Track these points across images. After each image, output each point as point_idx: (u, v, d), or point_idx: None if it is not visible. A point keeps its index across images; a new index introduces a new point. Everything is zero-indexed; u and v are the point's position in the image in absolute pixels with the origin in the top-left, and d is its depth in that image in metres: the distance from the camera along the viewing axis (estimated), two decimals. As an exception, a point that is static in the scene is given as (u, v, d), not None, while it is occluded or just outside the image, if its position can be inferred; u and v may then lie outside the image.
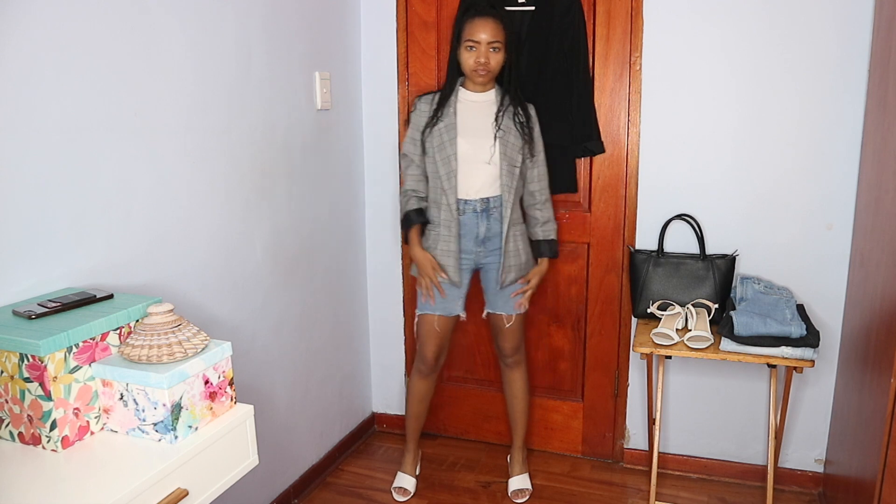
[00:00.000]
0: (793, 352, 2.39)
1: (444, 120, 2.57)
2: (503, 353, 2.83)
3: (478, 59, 2.49)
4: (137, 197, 1.94)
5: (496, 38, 2.48)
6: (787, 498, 2.87)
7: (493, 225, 2.62)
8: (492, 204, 2.60)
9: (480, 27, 2.47)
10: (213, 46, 2.20)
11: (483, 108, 2.60)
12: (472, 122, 2.58)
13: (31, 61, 1.61)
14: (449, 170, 2.56)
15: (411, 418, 2.94)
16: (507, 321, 2.74)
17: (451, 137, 2.56)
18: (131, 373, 1.45)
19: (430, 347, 2.77)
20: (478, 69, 2.50)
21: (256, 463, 1.66)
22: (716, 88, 2.70)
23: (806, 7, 2.55)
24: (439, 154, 2.56)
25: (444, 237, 2.60)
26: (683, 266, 2.75)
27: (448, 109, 2.58)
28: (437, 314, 2.71)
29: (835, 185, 2.64)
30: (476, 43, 2.48)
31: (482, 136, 2.57)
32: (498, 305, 2.73)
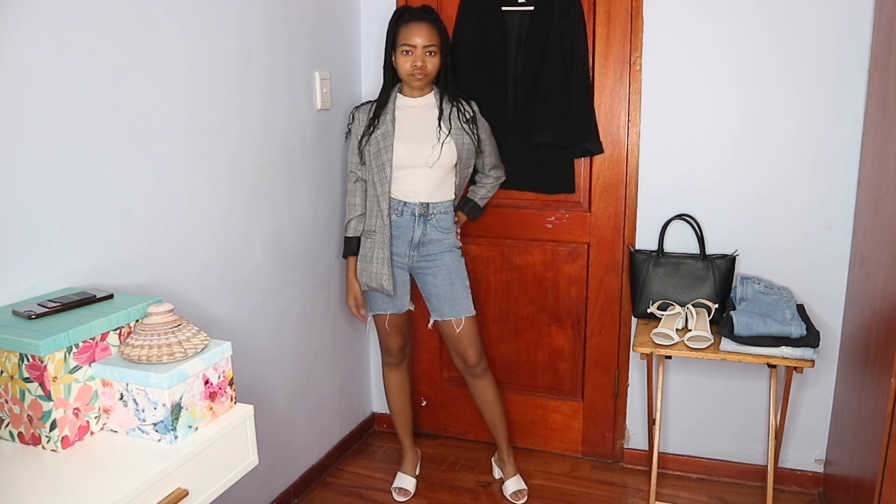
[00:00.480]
0: (793, 352, 2.39)
1: (381, 127, 2.57)
2: (468, 363, 2.75)
3: (414, 63, 2.50)
4: (137, 197, 1.94)
5: (431, 41, 2.49)
6: (787, 498, 2.86)
7: (429, 231, 2.63)
8: (430, 210, 2.61)
9: (415, 31, 2.48)
10: (213, 47, 2.20)
11: (422, 113, 2.62)
12: (411, 126, 2.59)
13: (31, 62, 1.61)
14: (382, 176, 2.56)
15: (396, 415, 2.96)
16: (458, 326, 2.69)
17: (387, 144, 2.55)
18: (131, 373, 1.45)
19: (391, 341, 2.83)
20: (414, 73, 2.51)
21: (256, 463, 1.66)
22: (716, 88, 2.70)
23: (806, 7, 2.55)
24: (375, 161, 2.57)
25: (378, 244, 2.61)
26: (683, 266, 2.75)
27: (385, 117, 2.58)
28: (387, 313, 2.75)
29: (835, 185, 2.64)
30: (412, 47, 2.49)
31: (422, 140, 2.57)
32: (444, 311, 2.70)
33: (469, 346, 2.72)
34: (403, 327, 2.82)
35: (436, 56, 2.53)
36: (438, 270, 2.67)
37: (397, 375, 2.92)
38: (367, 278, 2.66)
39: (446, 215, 2.66)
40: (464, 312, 2.69)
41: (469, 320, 2.70)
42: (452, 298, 2.68)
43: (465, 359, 2.75)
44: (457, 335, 2.70)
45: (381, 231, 2.59)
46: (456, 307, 2.69)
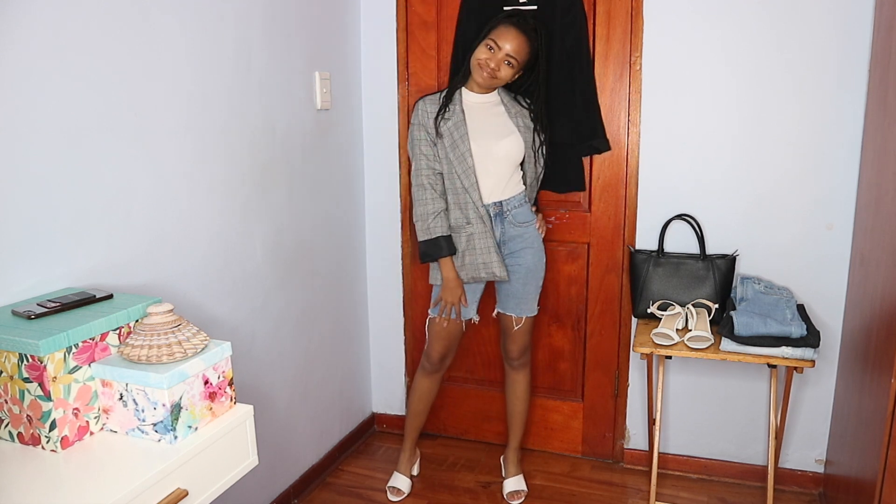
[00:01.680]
0: (793, 352, 2.39)
1: (452, 118, 2.55)
2: (509, 355, 2.82)
3: (489, 59, 2.47)
4: (137, 197, 1.94)
5: (517, 54, 2.46)
6: (788, 498, 2.87)
7: (508, 228, 2.63)
8: (504, 206, 2.61)
9: (510, 36, 2.45)
10: (213, 46, 2.20)
11: (487, 109, 2.61)
12: (478, 122, 2.58)
13: (31, 62, 1.61)
14: (466, 167, 2.53)
15: (412, 416, 2.93)
16: (517, 323, 2.73)
17: (461, 135, 2.53)
18: (131, 373, 1.45)
19: (438, 348, 2.76)
20: (484, 68, 2.48)
21: (256, 463, 1.66)
22: (716, 88, 2.70)
23: (806, 7, 2.55)
24: (453, 152, 2.53)
25: (479, 234, 2.57)
26: (683, 266, 2.75)
27: (455, 107, 2.56)
28: (451, 317, 2.70)
29: (835, 185, 2.64)
30: (497, 46, 2.45)
31: (488, 136, 2.56)
32: (509, 307, 2.73)
33: (518, 340, 2.78)
34: (456, 337, 2.76)
35: (512, 68, 2.49)
36: (519, 269, 2.67)
37: (429, 383, 2.87)
38: (473, 271, 2.60)
39: (521, 209, 2.65)
40: (526, 312, 2.73)
41: (528, 320, 2.75)
42: (521, 298, 2.71)
43: (509, 349, 2.81)
44: (513, 331, 2.76)
45: (478, 221, 2.56)
46: (521, 306, 2.72)
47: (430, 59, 3.03)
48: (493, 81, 2.52)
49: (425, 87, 3.05)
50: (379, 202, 3.23)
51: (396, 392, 3.44)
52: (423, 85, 3.06)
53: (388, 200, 3.22)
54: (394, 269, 3.29)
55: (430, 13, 2.99)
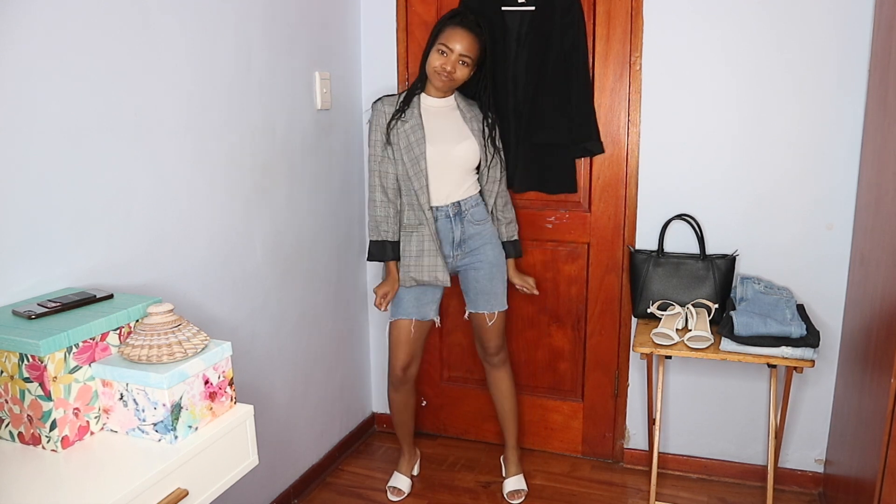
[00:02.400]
0: (793, 352, 2.39)
1: (409, 121, 2.57)
2: (487, 352, 2.83)
3: (444, 64, 2.49)
4: (137, 197, 1.95)
5: (469, 52, 2.50)
6: (788, 498, 2.87)
7: (467, 227, 2.66)
8: (463, 207, 2.64)
9: (458, 37, 2.47)
10: (213, 46, 2.20)
11: (444, 113, 2.63)
12: (435, 126, 2.60)
13: (31, 62, 1.61)
14: (418, 170, 2.55)
15: (398, 426, 2.95)
16: (490, 319, 2.74)
17: (418, 138, 2.55)
18: (131, 373, 1.45)
19: (401, 356, 2.73)
20: (441, 74, 2.50)
21: (256, 463, 1.66)
22: (716, 88, 2.70)
23: (806, 7, 2.55)
24: (407, 155, 2.56)
25: (426, 237, 2.60)
26: (683, 266, 2.75)
27: (412, 111, 2.59)
28: (412, 318, 2.69)
29: (835, 185, 2.64)
30: (448, 50, 2.48)
31: (446, 140, 2.58)
32: (480, 304, 2.74)
33: (493, 336, 2.78)
34: (419, 341, 2.75)
35: (467, 67, 2.53)
36: (482, 265, 2.70)
37: (400, 397, 2.85)
38: (416, 273, 2.62)
39: (478, 207, 2.68)
40: (497, 307, 2.74)
41: (500, 314, 2.76)
42: (489, 293, 2.72)
43: (486, 347, 2.81)
44: (486, 327, 2.75)
45: (427, 224, 2.59)
46: (491, 301, 2.73)
47: (430, 59, 3.03)
48: (451, 83, 2.55)
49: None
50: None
51: (396, 392, 3.45)
52: (422, 85, 3.06)
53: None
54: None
55: (429, 13, 2.99)
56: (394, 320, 2.72)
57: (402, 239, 2.65)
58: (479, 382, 3.27)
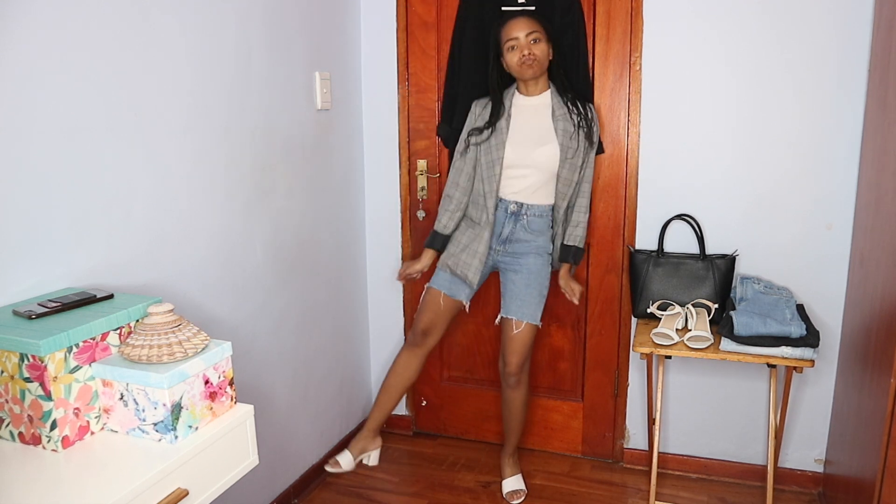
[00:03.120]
0: (793, 352, 2.40)
1: (493, 124, 2.61)
2: (508, 368, 2.75)
3: (521, 52, 2.50)
4: (137, 197, 1.95)
5: (533, 29, 2.50)
6: (787, 498, 2.88)
7: (518, 230, 2.65)
8: (524, 210, 2.63)
9: (514, 27, 2.50)
10: (213, 47, 2.20)
11: (533, 112, 2.63)
12: (523, 126, 2.61)
13: (31, 62, 1.61)
14: (491, 174, 2.59)
15: (385, 390, 2.91)
16: (517, 327, 2.68)
17: (498, 142, 2.58)
18: (131, 373, 1.46)
19: (425, 318, 2.80)
20: (524, 61, 2.51)
21: (256, 463, 1.66)
22: (715, 88, 2.71)
23: (806, 7, 2.56)
24: (485, 158, 2.61)
25: (477, 237, 2.66)
26: (683, 266, 2.75)
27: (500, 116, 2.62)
28: (442, 291, 2.75)
29: (835, 186, 2.65)
30: (515, 40, 2.50)
31: (527, 143, 2.59)
32: (511, 310, 2.70)
33: (516, 351, 2.71)
34: (445, 314, 2.79)
35: (542, 42, 2.53)
36: (521, 268, 2.69)
37: (409, 357, 2.87)
38: (453, 263, 2.70)
39: (540, 219, 2.66)
40: (527, 317, 2.68)
41: (528, 327, 2.69)
42: (523, 299, 2.69)
43: (507, 361, 2.75)
44: (511, 336, 2.70)
45: (485, 226, 2.65)
46: (522, 308, 2.68)
47: (431, 59, 3.04)
48: (538, 66, 2.54)
49: (425, 86, 3.06)
50: (379, 202, 3.24)
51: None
52: (422, 85, 3.07)
53: (389, 200, 3.22)
54: (394, 269, 3.29)
55: (430, 13, 2.99)
56: (429, 286, 2.80)
57: (460, 228, 2.74)
58: (479, 382, 3.27)
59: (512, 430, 2.92)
